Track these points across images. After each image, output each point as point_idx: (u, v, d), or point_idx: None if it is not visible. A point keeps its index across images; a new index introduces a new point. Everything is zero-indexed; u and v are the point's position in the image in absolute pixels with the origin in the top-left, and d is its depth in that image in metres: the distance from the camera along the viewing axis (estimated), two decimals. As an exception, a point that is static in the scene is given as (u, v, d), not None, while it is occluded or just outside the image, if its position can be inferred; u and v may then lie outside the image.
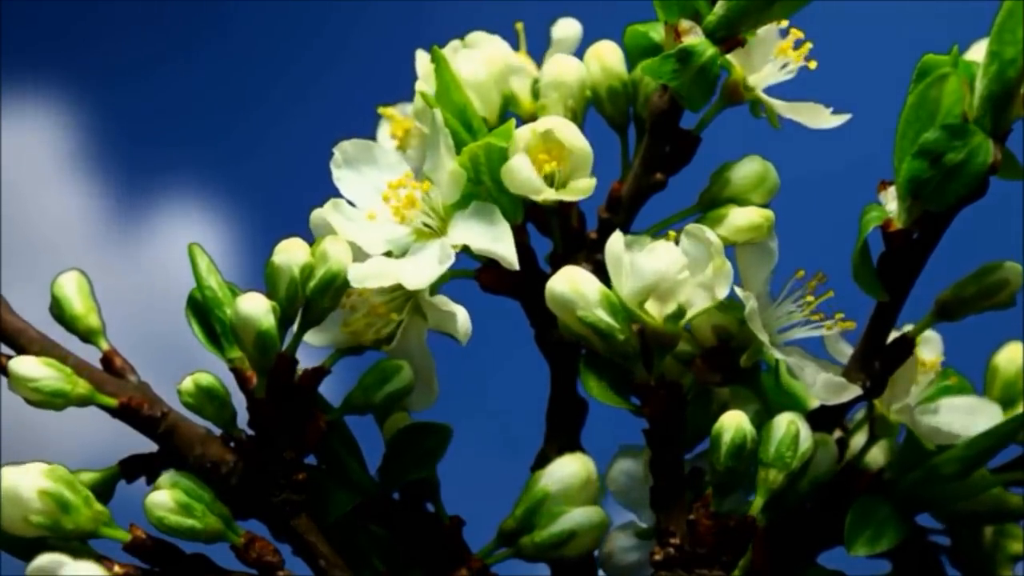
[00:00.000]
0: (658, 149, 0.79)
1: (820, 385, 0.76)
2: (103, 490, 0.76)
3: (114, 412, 0.76)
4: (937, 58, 0.75)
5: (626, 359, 0.75)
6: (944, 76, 0.73)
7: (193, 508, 0.73)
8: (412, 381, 0.76)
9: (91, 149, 1.85)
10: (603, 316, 0.74)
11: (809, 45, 0.79)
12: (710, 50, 0.76)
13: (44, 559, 0.71)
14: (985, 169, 0.73)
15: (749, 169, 0.80)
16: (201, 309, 0.77)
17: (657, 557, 0.77)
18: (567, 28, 0.85)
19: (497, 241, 0.75)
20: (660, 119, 0.78)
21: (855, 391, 0.76)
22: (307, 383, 0.76)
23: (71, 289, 0.80)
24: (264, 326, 0.73)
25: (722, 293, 0.74)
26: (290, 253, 0.74)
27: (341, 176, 0.77)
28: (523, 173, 0.75)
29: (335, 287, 0.74)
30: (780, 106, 0.80)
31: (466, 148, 0.76)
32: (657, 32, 0.80)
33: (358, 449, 0.79)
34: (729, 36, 0.76)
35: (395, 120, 0.88)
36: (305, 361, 0.76)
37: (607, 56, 0.83)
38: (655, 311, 0.75)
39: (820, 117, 0.79)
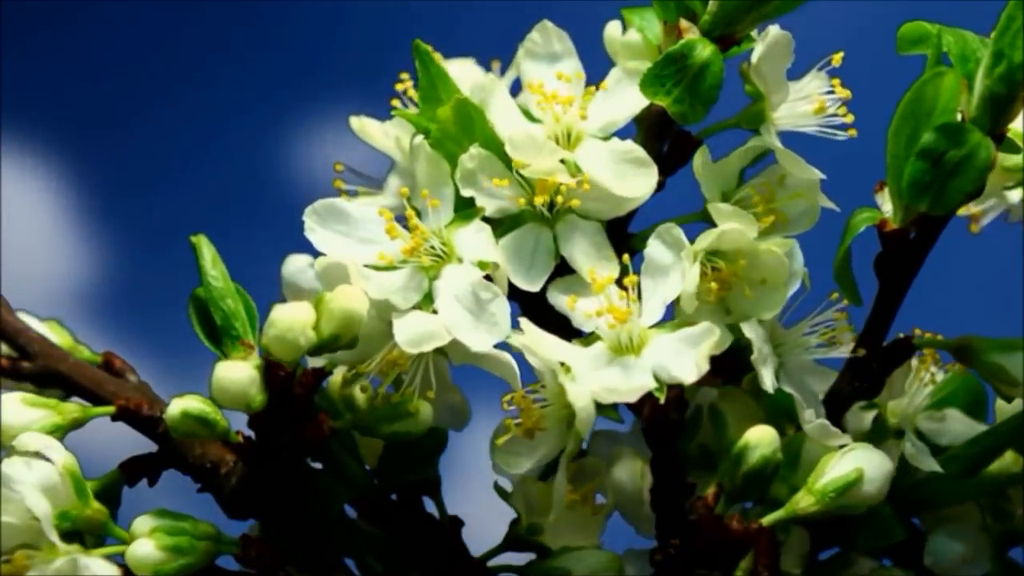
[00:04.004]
0: (655, 149, 0.78)
1: (814, 427, 0.75)
2: (106, 495, 0.75)
3: (113, 416, 0.76)
4: (920, 26, 0.75)
5: None
6: (941, 73, 0.73)
7: (181, 546, 0.72)
8: (426, 427, 0.75)
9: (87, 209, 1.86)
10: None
11: (843, 111, 0.78)
12: (708, 48, 0.74)
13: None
14: (988, 166, 0.72)
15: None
16: (202, 306, 0.76)
17: (658, 557, 0.76)
18: None
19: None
20: (657, 118, 0.77)
21: (846, 439, 0.75)
22: (307, 384, 0.74)
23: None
24: (254, 405, 0.72)
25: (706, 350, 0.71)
26: (286, 337, 0.71)
27: (320, 240, 0.75)
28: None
29: (341, 344, 0.73)
30: (787, 157, 0.77)
31: (438, 112, 0.75)
32: (650, 24, 0.78)
33: (357, 449, 0.79)
34: (726, 35, 0.76)
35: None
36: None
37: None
38: None
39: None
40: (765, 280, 0.75)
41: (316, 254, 0.76)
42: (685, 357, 0.71)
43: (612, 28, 0.81)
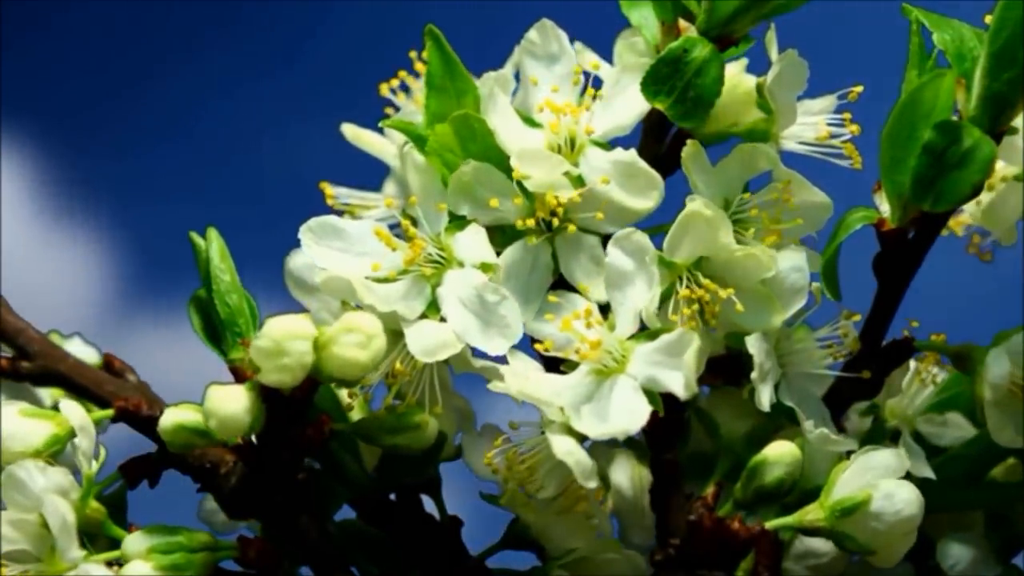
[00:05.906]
0: (652, 150, 0.77)
1: (815, 436, 0.75)
2: (110, 499, 0.75)
3: (113, 417, 0.76)
4: (912, 10, 0.75)
5: None
6: (940, 75, 0.72)
7: (178, 563, 0.71)
8: (430, 443, 0.75)
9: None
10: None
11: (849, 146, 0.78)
12: (706, 48, 0.74)
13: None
14: (990, 160, 0.72)
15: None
16: (203, 308, 0.76)
17: (658, 557, 0.76)
18: None
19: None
20: (659, 119, 0.77)
21: (850, 444, 0.75)
22: (305, 386, 0.73)
23: None
24: (252, 432, 0.71)
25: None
26: (278, 363, 0.69)
27: (318, 256, 0.74)
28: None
29: (341, 382, 0.72)
30: (791, 179, 0.75)
31: (436, 128, 0.74)
32: (649, 22, 0.78)
33: (357, 449, 0.79)
34: (724, 35, 0.75)
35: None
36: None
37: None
38: None
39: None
40: (748, 289, 0.73)
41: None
42: (671, 368, 0.70)
43: (578, 45, 0.81)
